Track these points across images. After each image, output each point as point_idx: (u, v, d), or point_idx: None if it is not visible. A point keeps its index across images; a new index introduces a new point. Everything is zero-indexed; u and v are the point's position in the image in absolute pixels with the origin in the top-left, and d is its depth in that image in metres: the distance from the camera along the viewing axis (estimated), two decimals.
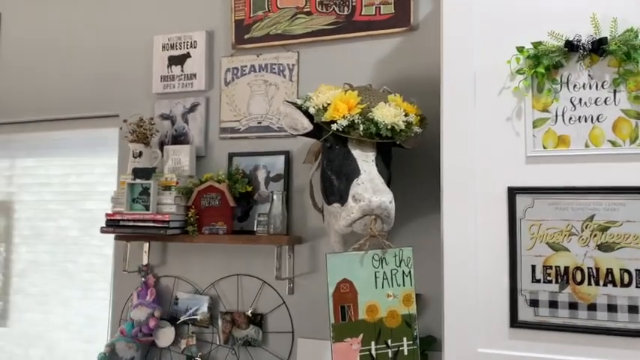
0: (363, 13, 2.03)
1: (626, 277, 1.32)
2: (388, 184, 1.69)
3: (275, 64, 2.17)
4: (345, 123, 1.58)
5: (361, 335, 1.40)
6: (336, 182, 1.61)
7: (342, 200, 1.57)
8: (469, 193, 1.45)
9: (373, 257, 1.46)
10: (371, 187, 1.48)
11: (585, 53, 1.37)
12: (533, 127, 1.41)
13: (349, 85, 1.79)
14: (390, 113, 1.59)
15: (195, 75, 2.28)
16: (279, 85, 2.16)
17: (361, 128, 1.57)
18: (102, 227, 2.14)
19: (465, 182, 1.45)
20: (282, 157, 2.12)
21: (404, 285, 1.46)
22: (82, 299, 2.54)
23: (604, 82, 1.37)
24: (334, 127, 1.58)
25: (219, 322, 2.13)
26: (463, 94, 1.47)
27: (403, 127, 1.60)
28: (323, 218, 1.92)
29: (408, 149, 1.76)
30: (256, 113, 2.19)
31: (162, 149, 2.26)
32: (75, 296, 2.56)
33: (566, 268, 1.36)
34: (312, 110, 1.64)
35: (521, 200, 1.40)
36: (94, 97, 2.49)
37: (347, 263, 1.44)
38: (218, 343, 2.14)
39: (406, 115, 1.62)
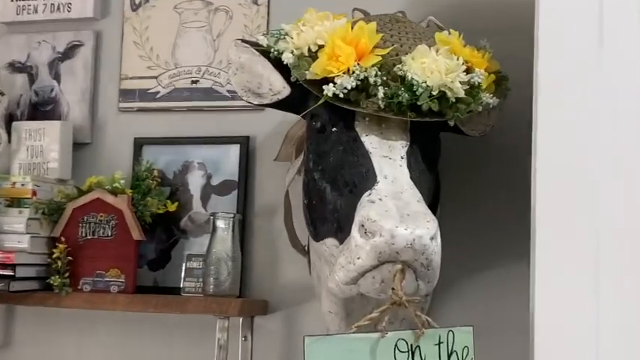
0: None
1: None
2: (434, 203, 1.69)
3: None
4: (350, 83, 1.54)
5: None
6: (332, 197, 1.60)
7: (342, 232, 1.55)
8: (586, 226, 1.39)
9: (397, 346, 1.42)
10: (396, 208, 1.43)
11: None
12: None
13: (362, 11, 1.78)
14: (437, 66, 1.55)
15: None
16: (233, 11, 2.17)
17: (382, 94, 1.54)
18: None
19: (578, 205, 1.40)
20: (235, 149, 2.13)
21: None
22: None
23: None
24: (329, 90, 1.55)
25: None
26: (584, 28, 1.42)
27: (462, 93, 1.57)
28: (309, 266, 1.90)
29: (472, 137, 1.76)
30: (189, 64, 2.20)
31: (9, 128, 2.25)
32: None
33: None
34: (288, 58, 1.62)
35: None
36: None
37: (345, 356, 1.39)
38: None
39: (468, 72, 1.60)
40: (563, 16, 1.44)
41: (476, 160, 1.93)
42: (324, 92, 1.55)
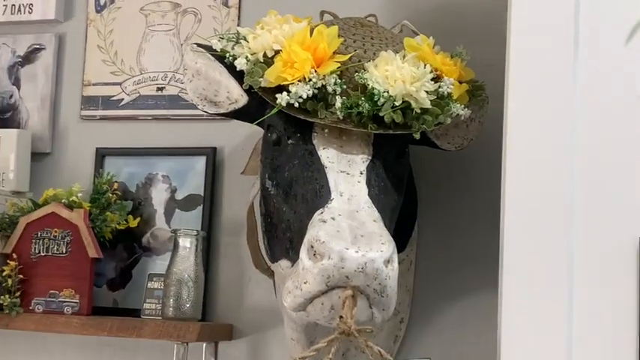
0: None
1: None
2: (402, 224, 1.73)
3: None
4: (306, 92, 1.54)
5: None
6: (286, 215, 1.61)
7: (294, 253, 1.54)
8: (558, 252, 1.38)
9: None
10: (349, 229, 1.42)
11: None
12: None
13: (331, 14, 1.79)
14: (401, 75, 1.54)
15: None
16: (202, 14, 2.18)
17: (339, 104, 1.54)
18: None
19: (549, 228, 1.39)
20: (201, 161, 2.13)
21: None
22: None
23: None
24: (283, 99, 1.55)
25: None
26: (552, 40, 1.42)
27: (428, 103, 1.56)
28: (274, 289, 1.90)
29: (447, 151, 1.77)
30: (155, 70, 2.20)
31: None
32: None
33: None
34: (242, 63, 1.63)
35: None
36: None
37: None
38: None
39: (437, 80, 1.59)
40: (536, 23, 1.44)
41: (453, 177, 1.93)
42: (278, 101, 1.54)
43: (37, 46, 2.26)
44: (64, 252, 2.03)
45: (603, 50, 1.41)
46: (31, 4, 2.27)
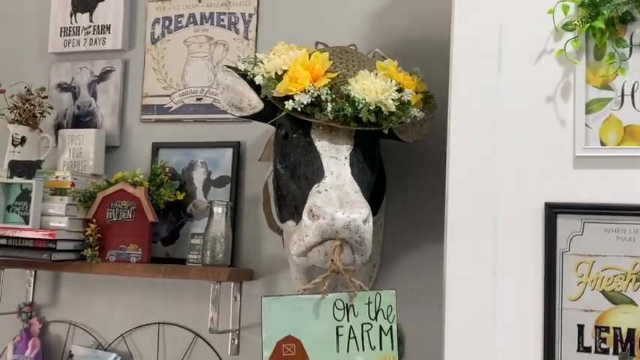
0: None
1: None
2: (375, 195, 1.69)
3: (224, 14, 2.16)
4: (306, 100, 1.53)
5: None
6: (292, 188, 1.60)
7: (297, 215, 1.54)
8: (486, 212, 1.39)
9: (335, 304, 1.41)
10: (337, 198, 1.43)
11: None
12: (587, 112, 1.35)
13: (323, 44, 1.76)
14: (374, 87, 1.54)
15: (109, 27, 2.27)
16: (229, 45, 2.15)
17: (330, 108, 1.54)
18: None
19: (480, 195, 1.40)
20: (229, 152, 2.11)
21: (381, 348, 1.40)
22: None
23: None
24: (290, 105, 1.54)
25: None
26: (482, 59, 1.42)
27: (393, 108, 1.56)
28: (283, 243, 1.89)
29: (407, 143, 1.74)
30: (195, 85, 2.17)
31: (57, 135, 2.24)
32: None
33: (632, 332, 1.29)
34: (259, 80, 1.62)
35: (565, 223, 1.34)
36: None
37: (294, 312, 1.39)
38: None
39: (400, 91, 1.59)
40: (471, 46, 1.44)
41: (412, 164, 1.93)
42: (286, 106, 1.54)
43: (109, 69, 2.26)
44: (130, 217, 2.03)
45: (518, 68, 1.40)
46: (104, 38, 2.26)
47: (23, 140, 2.15)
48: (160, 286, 2.13)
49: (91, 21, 2.28)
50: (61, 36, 2.32)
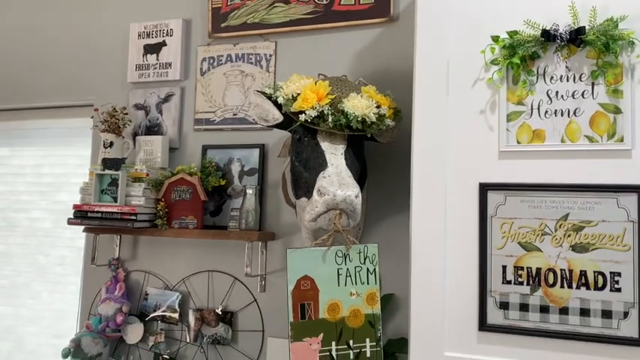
0: (342, 3, 1.98)
1: (600, 279, 1.26)
2: (361, 179, 1.66)
3: (252, 54, 2.12)
4: (313, 114, 1.54)
5: (321, 335, 1.35)
6: (305, 175, 1.59)
7: (309, 194, 1.54)
8: (439, 189, 1.39)
9: (336, 254, 1.42)
10: (337, 181, 1.44)
11: (563, 44, 1.32)
12: (508, 120, 1.36)
13: (323, 75, 1.76)
14: (361, 104, 1.54)
15: (170, 64, 2.24)
16: (255, 76, 2.11)
17: (330, 119, 1.54)
18: (69, 219, 2.08)
19: (435, 178, 1.40)
20: (257, 151, 2.08)
21: (368, 283, 1.41)
22: (52, 292, 2.49)
23: (582, 74, 1.31)
24: (302, 117, 1.55)
25: (189, 319, 2.07)
26: (436, 84, 1.42)
27: (374, 119, 1.56)
28: (296, 214, 1.88)
29: (382, 143, 1.74)
30: (232, 104, 2.15)
31: (134, 140, 2.23)
32: (46, 289, 2.50)
33: (538, 270, 1.30)
34: (281, 100, 1.61)
35: (493, 197, 1.35)
36: (69, 86, 2.45)
37: (309, 259, 1.39)
38: (187, 340, 2.08)
39: (378, 107, 1.59)
40: (428, 74, 1.43)
41: (386, 157, 1.91)
42: (300, 118, 1.55)
43: (171, 93, 2.24)
44: (188, 197, 2.03)
45: (460, 91, 1.40)
46: (167, 72, 2.23)
47: (111, 144, 2.15)
48: (209, 245, 2.13)
49: (157, 60, 2.27)
50: (136, 70, 2.30)
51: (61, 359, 2.06)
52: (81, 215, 2.06)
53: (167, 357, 2.07)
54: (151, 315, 2.13)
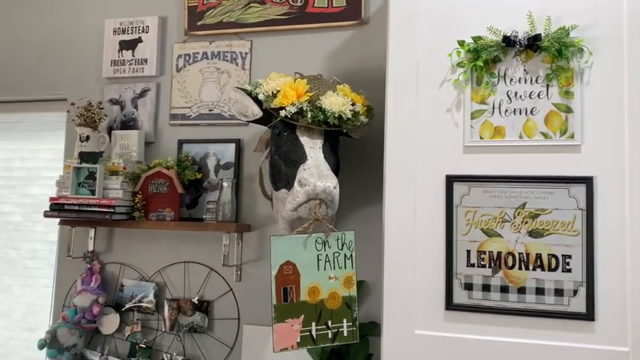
0: (315, 5, 2.05)
1: (553, 261, 1.37)
2: (336, 171, 1.71)
3: (228, 52, 2.16)
4: (293, 110, 1.59)
5: (302, 316, 1.43)
6: (284, 168, 1.62)
7: (289, 185, 1.58)
8: (410, 181, 1.46)
9: (317, 240, 1.48)
10: (317, 173, 1.50)
11: (521, 49, 1.43)
12: (471, 118, 1.45)
13: (300, 74, 1.81)
14: (337, 102, 1.60)
15: (146, 60, 2.25)
16: (231, 73, 2.15)
17: (309, 115, 1.58)
18: (46, 211, 2.08)
19: (406, 170, 1.47)
20: (232, 145, 2.11)
21: (345, 267, 1.49)
22: (24, 286, 2.47)
23: (538, 76, 1.43)
24: (283, 113, 1.59)
25: (165, 308, 2.12)
26: (407, 84, 1.49)
27: (350, 115, 1.61)
28: (272, 206, 1.93)
29: (356, 139, 1.80)
30: (207, 100, 2.17)
31: (110, 134, 2.23)
32: (16, 283, 2.48)
33: (499, 253, 1.40)
34: (261, 97, 1.65)
35: (458, 188, 1.43)
36: (42, 80, 2.43)
37: (291, 246, 1.46)
38: (163, 329, 2.12)
39: (353, 105, 1.64)
40: (399, 75, 1.50)
41: (359, 152, 1.95)
42: (280, 114, 1.59)
43: (146, 89, 2.25)
44: (165, 190, 2.04)
45: (429, 90, 1.46)
46: (143, 67, 2.24)
47: (87, 138, 2.14)
48: (185, 237, 2.14)
49: (133, 56, 2.27)
50: (111, 66, 2.30)
51: (36, 351, 2.07)
52: (57, 208, 2.06)
53: (144, 346, 2.11)
54: (127, 305, 2.16)
